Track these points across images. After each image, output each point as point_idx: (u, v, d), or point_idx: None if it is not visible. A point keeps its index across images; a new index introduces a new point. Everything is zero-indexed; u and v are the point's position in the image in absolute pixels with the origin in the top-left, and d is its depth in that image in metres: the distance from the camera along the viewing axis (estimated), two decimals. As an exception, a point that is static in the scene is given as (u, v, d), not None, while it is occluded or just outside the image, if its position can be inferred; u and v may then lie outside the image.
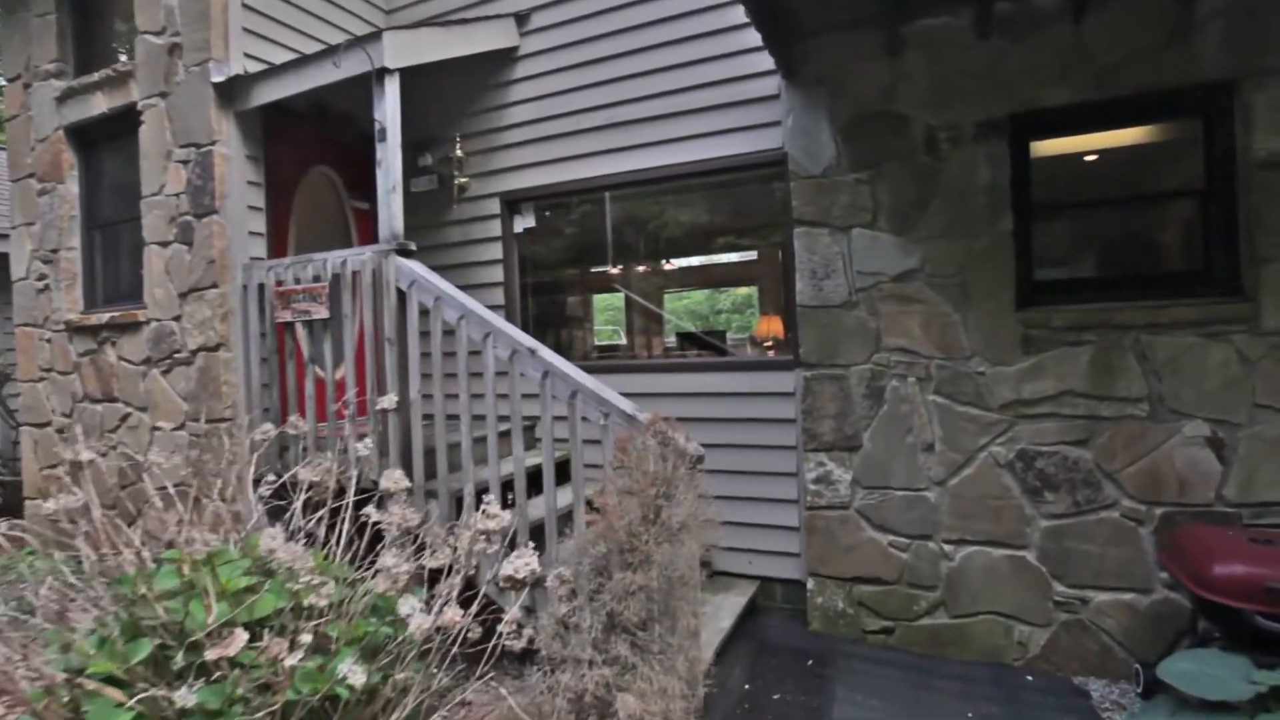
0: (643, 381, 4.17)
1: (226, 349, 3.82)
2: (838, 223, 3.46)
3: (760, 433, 3.82)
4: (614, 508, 2.10)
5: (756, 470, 3.84)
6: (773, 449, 3.79)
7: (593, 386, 2.86)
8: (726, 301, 9.51)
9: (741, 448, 3.88)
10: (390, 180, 3.40)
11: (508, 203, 4.55)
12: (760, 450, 3.83)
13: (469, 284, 4.70)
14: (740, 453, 3.88)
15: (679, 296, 13.59)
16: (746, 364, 3.95)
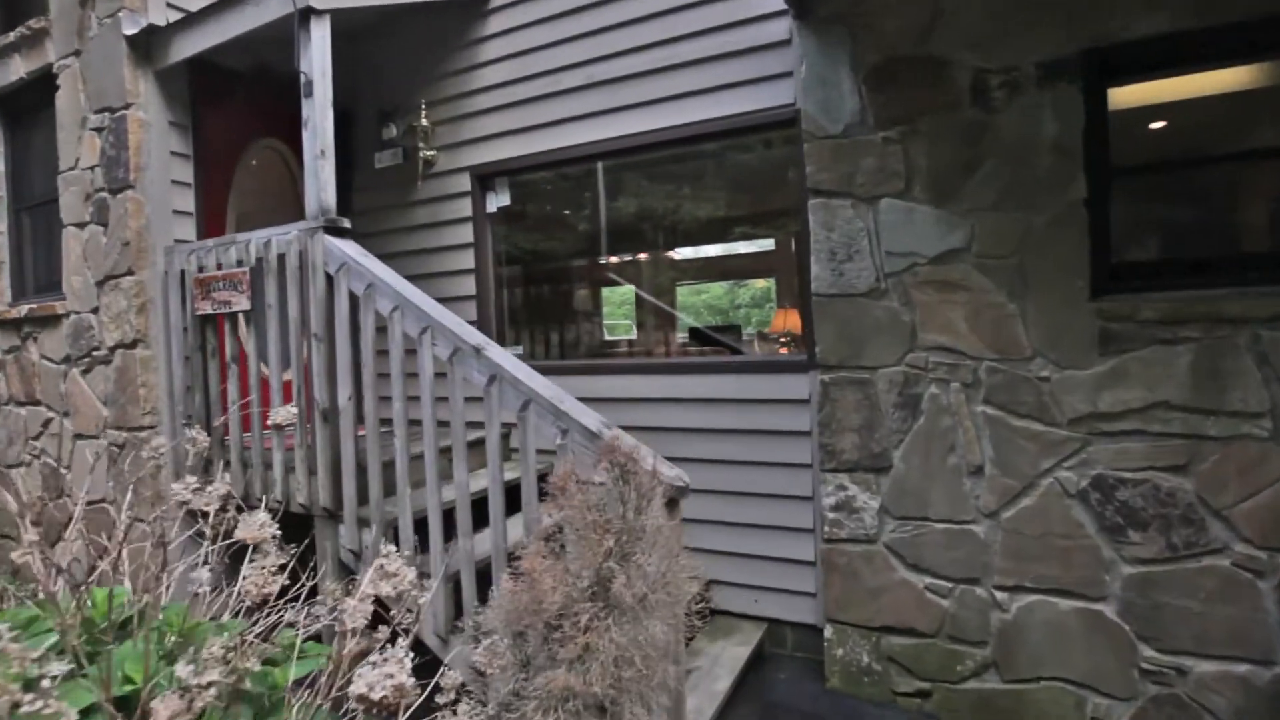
0: (628, 386, 3.56)
1: (145, 346, 3.29)
2: (862, 192, 2.81)
3: (769, 447, 3.19)
4: (542, 573, 1.50)
5: (764, 492, 3.21)
6: (783, 467, 3.16)
7: (549, 395, 2.26)
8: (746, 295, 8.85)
9: (745, 465, 3.25)
10: (318, 143, 2.83)
11: (479, 178, 3.97)
12: (768, 468, 3.20)
13: (437, 271, 4.13)
14: (744, 471, 3.25)
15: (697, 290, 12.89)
16: (750, 365, 3.31)
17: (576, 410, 2.23)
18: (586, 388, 3.67)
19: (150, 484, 3.31)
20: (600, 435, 2.13)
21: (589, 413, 2.25)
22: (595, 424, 2.18)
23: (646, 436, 3.58)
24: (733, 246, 6.20)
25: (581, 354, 4.60)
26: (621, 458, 1.66)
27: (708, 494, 3.34)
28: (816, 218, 2.89)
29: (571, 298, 4.74)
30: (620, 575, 1.46)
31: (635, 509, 1.60)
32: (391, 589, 1.62)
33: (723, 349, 4.74)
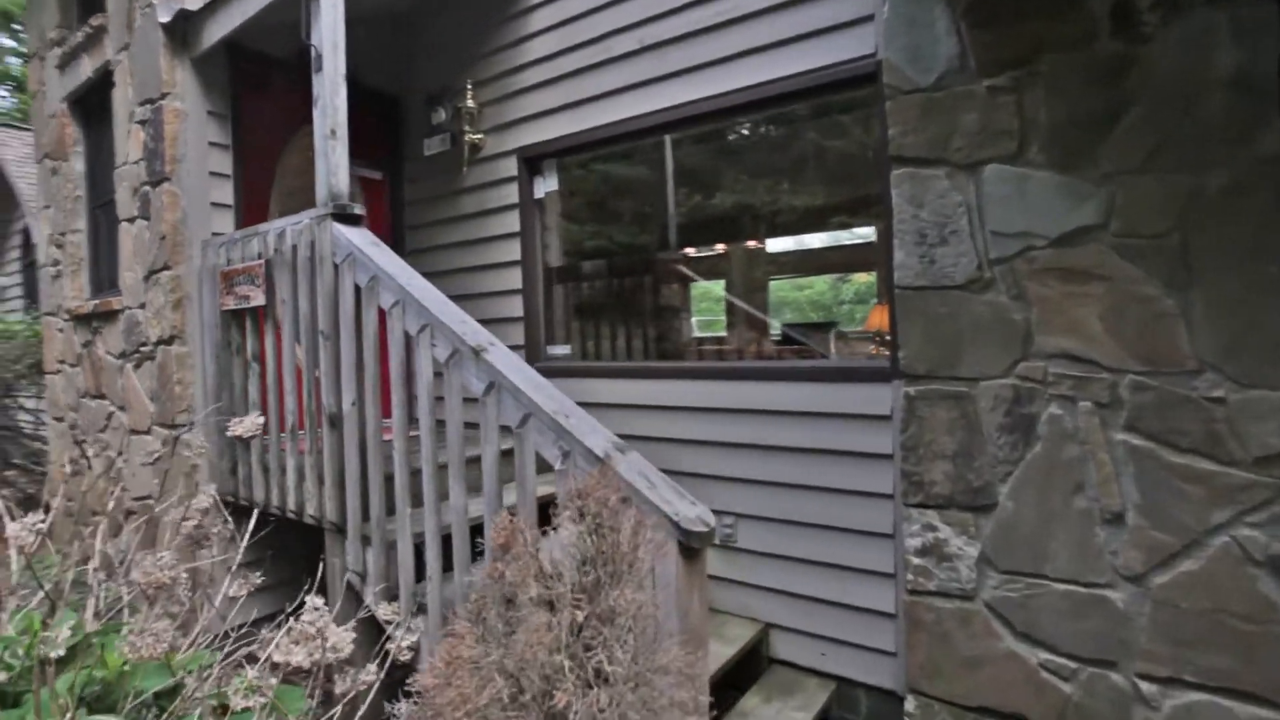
0: (673, 392, 3.12)
1: (181, 342, 3.21)
2: (960, 157, 2.22)
3: (841, 471, 2.66)
4: (451, 680, 1.10)
5: (834, 525, 2.68)
6: (858, 495, 2.62)
7: (551, 409, 1.87)
8: (851, 290, 8.18)
9: (812, 490, 2.73)
10: (328, 122, 2.59)
11: (526, 161, 3.64)
12: (840, 496, 2.66)
13: (483, 264, 3.86)
14: (811, 498, 2.74)
15: (799, 285, 12.16)
16: (818, 372, 2.78)
17: (582, 427, 1.83)
18: (629, 394, 3.28)
19: (185, 483, 3.23)
20: (606, 459, 1.72)
21: (598, 430, 1.84)
22: (602, 445, 1.77)
23: (690, 452, 3.15)
24: (830, 236, 5.59)
25: (638, 355, 4.20)
26: (595, 504, 1.23)
27: (766, 522, 2.86)
28: (901, 192, 2.33)
29: (632, 293, 4.34)
30: (583, 702, 1.04)
31: (610, 576, 1.17)
32: (305, 656, 1.29)
33: (810, 351, 4.20)
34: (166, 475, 3.32)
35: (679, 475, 3.13)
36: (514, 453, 1.94)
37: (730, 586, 2.97)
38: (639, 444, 3.26)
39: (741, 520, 2.94)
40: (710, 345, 4.97)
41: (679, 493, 1.72)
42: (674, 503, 1.66)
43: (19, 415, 5.46)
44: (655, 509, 1.64)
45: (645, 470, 1.75)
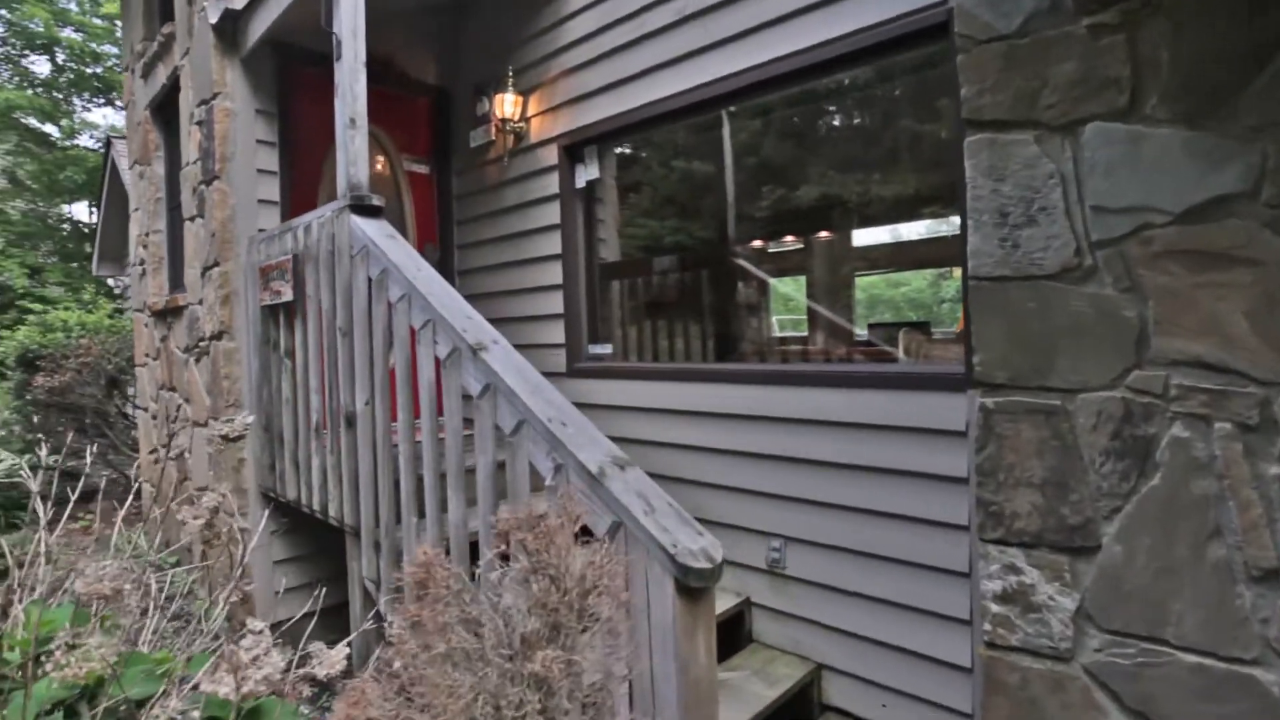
0: (722, 398, 2.82)
1: (229, 337, 3.24)
2: (1052, 117, 1.80)
3: (908, 494, 2.28)
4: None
5: (899, 557, 2.30)
6: (928, 525, 2.23)
7: (546, 415, 1.64)
8: (952, 287, 7.54)
9: (874, 515, 2.37)
10: (348, 111, 2.48)
11: (566, 149, 3.45)
12: (907, 524, 2.29)
13: (524, 259, 3.71)
14: (872, 524, 2.37)
15: (895, 282, 11.38)
16: (884, 378, 2.39)
17: (578, 438, 1.58)
18: (671, 398, 3.01)
19: (233, 476, 3.26)
20: (599, 476, 1.47)
21: (597, 442, 1.60)
22: (597, 459, 1.52)
23: (734, 465, 2.80)
24: (924, 226, 5.17)
25: (692, 357, 3.92)
26: (537, 540, 0.98)
27: (820, 548, 2.51)
28: (977, 163, 1.93)
29: (684, 289, 4.07)
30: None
31: (550, 629, 0.92)
32: (233, 687, 1.13)
33: (893, 355, 3.79)
34: (219, 468, 3.37)
35: (720, 490, 2.84)
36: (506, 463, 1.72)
37: (778, 618, 2.64)
38: (678, 454, 3.00)
39: (791, 544, 2.60)
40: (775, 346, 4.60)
41: (683, 520, 1.44)
42: (673, 532, 1.39)
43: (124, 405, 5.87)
44: (649, 539, 1.38)
45: (645, 491, 1.49)
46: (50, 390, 5.15)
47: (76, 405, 5.30)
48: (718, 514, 2.86)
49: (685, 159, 4.09)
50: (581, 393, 3.44)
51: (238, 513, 3.31)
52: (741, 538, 2.77)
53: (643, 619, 1.40)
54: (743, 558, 2.77)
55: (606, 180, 3.52)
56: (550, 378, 3.63)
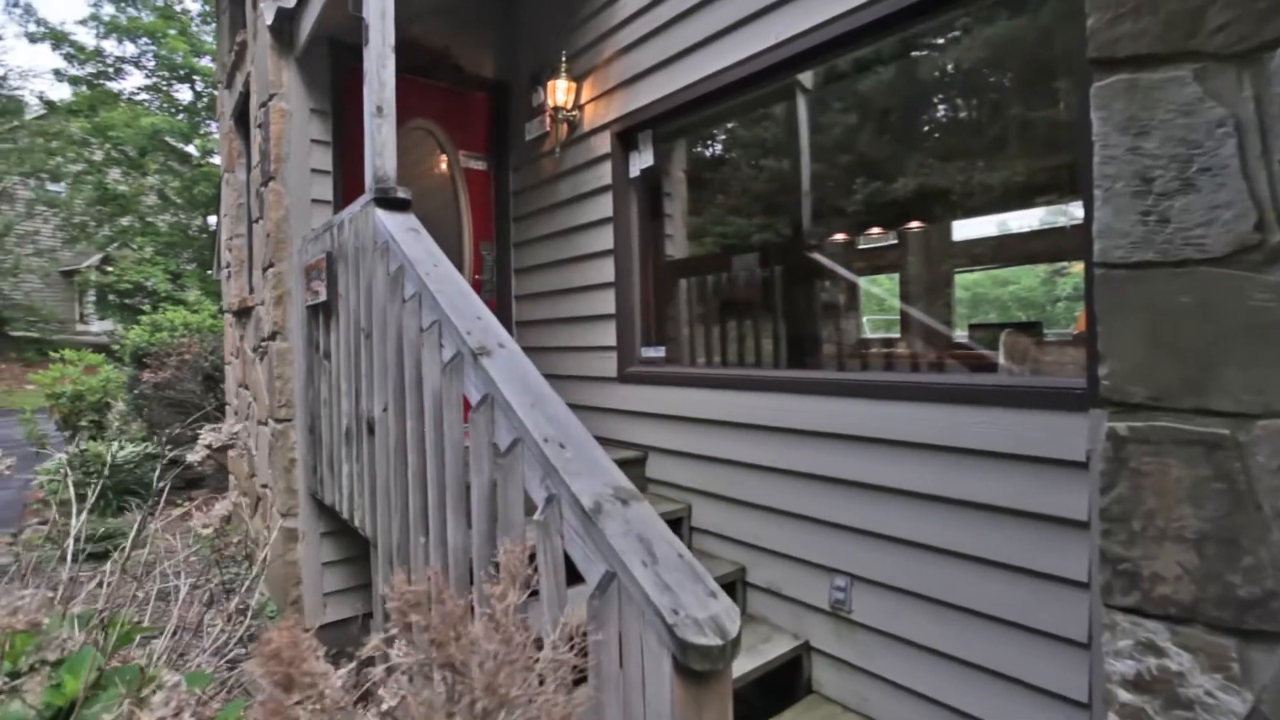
0: (784, 409, 2.46)
1: (282, 337, 3.23)
2: (1223, 44, 1.33)
3: (1007, 536, 1.84)
4: None
5: (990, 612, 1.87)
6: (1030, 576, 1.78)
7: (540, 434, 1.38)
8: (1069, 284, 6.85)
9: (963, 559, 1.94)
10: (374, 99, 2.34)
11: (619, 135, 3.19)
12: (1001, 573, 1.84)
13: (576, 255, 3.49)
14: (960, 569, 1.94)
15: (1001, 280, 10.47)
16: (977, 392, 1.95)
17: (574, 463, 1.31)
18: (729, 408, 2.68)
19: (285, 477, 3.24)
20: (595, 514, 1.19)
21: (598, 470, 1.31)
22: (593, 492, 1.24)
23: (794, 487, 2.41)
24: (1037, 215, 4.67)
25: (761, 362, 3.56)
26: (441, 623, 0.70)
27: (894, 592, 2.11)
28: (1109, 114, 1.47)
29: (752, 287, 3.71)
30: None
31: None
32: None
33: (984, 360, 3.28)
34: (273, 467, 3.37)
35: (780, 515, 2.48)
36: (498, 487, 1.47)
37: (841, 669, 2.25)
38: (735, 472, 2.66)
39: (859, 585, 2.21)
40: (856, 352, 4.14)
41: (692, 576, 1.13)
42: (677, 592, 1.08)
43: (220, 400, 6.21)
44: (644, 600, 1.08)
45: (648, 534, 1.19)
46: (156, 385, 5.50)
47: (178, 400, 5.63)
48: (776, 543, 2.50)
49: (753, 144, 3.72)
50: (633, 400, 3.17)
51: (289, 513, 3.30)
52: (802, 572, 2.40)
53: (637, 698, 1.10)
54: (802, 595, 2.40)
55: (664, 169, 3.23)
56: (601, 383, 3.42)
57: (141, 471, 5.24)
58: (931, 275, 5.83)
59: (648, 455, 3.14)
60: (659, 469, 3.09)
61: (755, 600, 2.62)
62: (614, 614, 1.15)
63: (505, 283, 4.09)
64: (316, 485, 3.00)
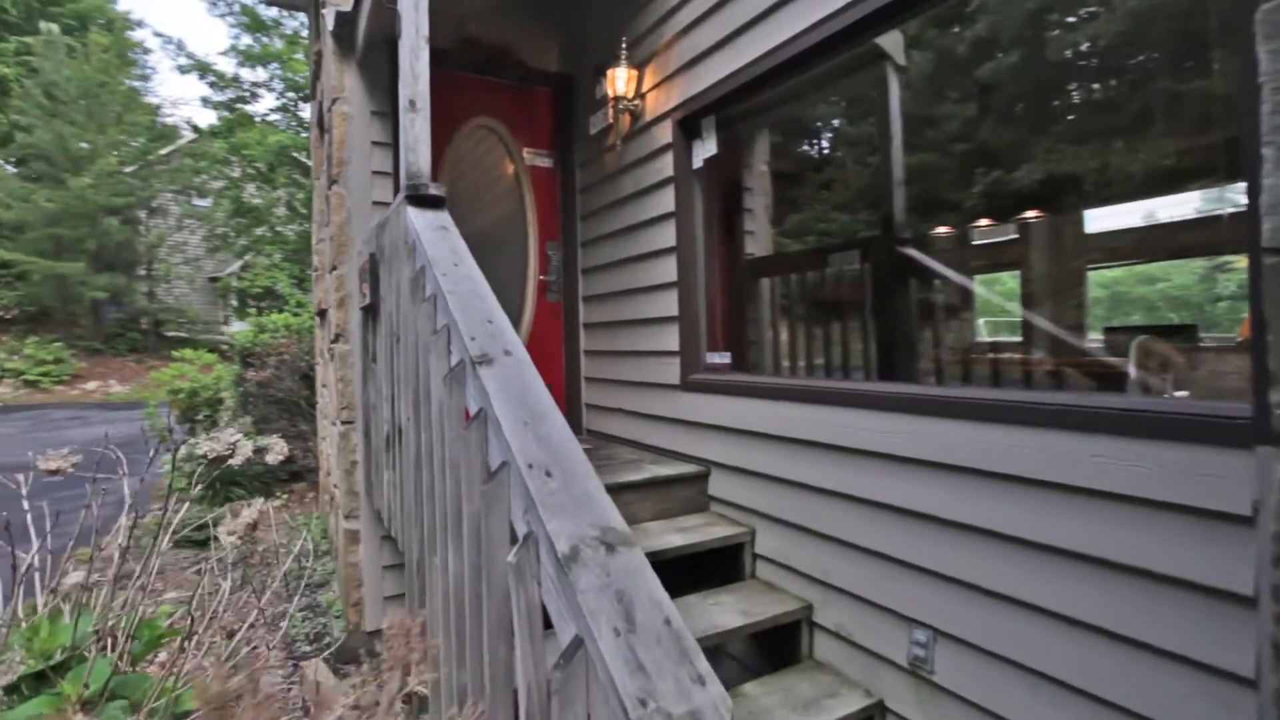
0: (875, 430, 2.13)
1: (345, 340, 3.24)
2: None
3: (1133, 604, 1.43)
4: None
5: (1113, 700, 1.46)
6: (1168, 660, 1.37)
7: (526, 459, 1.17)
8: (1233, 281, 6.05)
9: (1073, 625, 1.54)
10: (408, 93, 2.23)
11: (681, 123, 2.94)
12: (1127, 651, 1.44)
13: (638, 254, 3.28)
14: (1071, 637, 1.55)
15: (1149, 277, 9.46)
16: (1087, 416, 1.54)
17: (556, 497, 1.09)
18: (799, 424, 2.38)
19: (346, 479, 3.26)
20: (569, 563, 0.97)
21: (586, 506, 1.09)
22: (571, 534, 1.02)
23: (868, 518, 2.08)
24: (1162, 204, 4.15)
25: (843, 371, 3.20)
26: None
27: (980, 655, 1.73)
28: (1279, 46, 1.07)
29: (836, 287, 3.36)
30: None
31: None
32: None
33: (1115, 370, 2.79)
34: (339, 468, 3.40)
35: (854, 551, 2.15)
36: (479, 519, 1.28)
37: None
38: (805, 497, 2.34)
39: (944, 641, 1.84)
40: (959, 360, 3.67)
41: (678, 653, 0.88)
42: (651, 676, 0.84)
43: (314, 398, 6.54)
44: (609, 681, 0.84)
45: (630, 592, 0.95)
46: (259, 383, 5.84)
47: (278, 397, 5.96)
48: (848, 581, 2.17)
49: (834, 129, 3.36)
50: (696, 410, 2.92)
51: (350, 515, 3.31)
52: (877, 618, 2.06)
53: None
54: (877, 645, 2.05)
55: (739, 160, 2.95)
56: (663, 391, 3.19)
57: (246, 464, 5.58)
58: (1059, 272, 5.16)
59: (710, 471, 2.88)
60: (722, 487, 2.82)
61: (823, 645, 2.29)
62: (581, 692, 0.92)
63: (572, 283, 3.96)
64: (369, 488, 2.97)
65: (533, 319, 3.89)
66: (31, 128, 14.61)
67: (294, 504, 6.00)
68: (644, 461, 3.00)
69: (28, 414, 11.44)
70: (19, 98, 15.05)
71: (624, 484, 2.63)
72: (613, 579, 0.98)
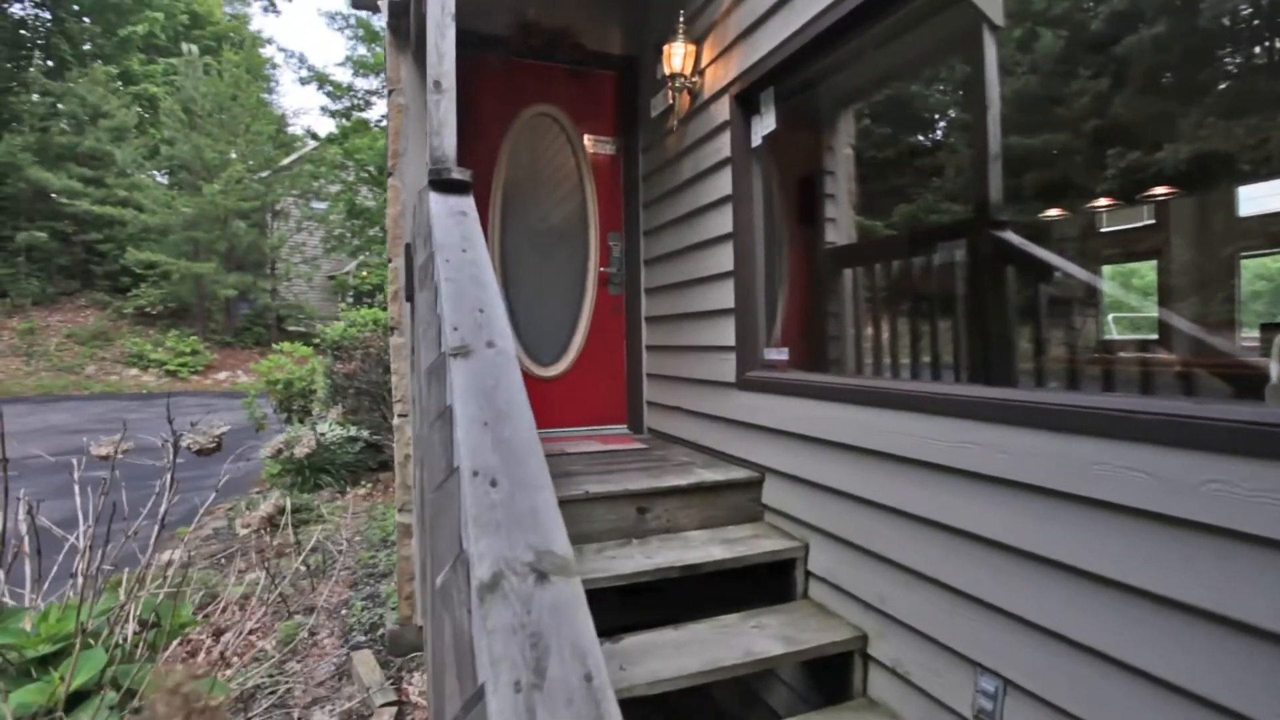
0: (951, 441, 1.83)
1: (399, 333, 3.25)
2: None
3: (1263, 670, 1.08)
4: None
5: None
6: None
7: (472, 466, 1.02)
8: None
9: (1181, 696, 1.20)
10: (432, 73, 2.14)
11: (738, 97, 2.70)
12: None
13: (696, 242, 3.07)
14: (1176, 707, 1.20)
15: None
16: (1199, 430, 1.18)
17: (490, 514, 0.94)
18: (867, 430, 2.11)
19: (400, 471, 3.27)
20: (485, 593, 0.81)
21: (526, 523, 0.93)
22: (497, 559, 0.86)
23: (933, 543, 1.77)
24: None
25: (933, 370, 2.85)
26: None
27: (1059, 716, 1.40)
28: None
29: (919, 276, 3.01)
30: None
31: None
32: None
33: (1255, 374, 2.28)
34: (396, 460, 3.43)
35: (916, 578, 1.85)
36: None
37: (988, 816, 1.58)
38: (865, 514, 2.04)
39: (1015, 694, 1.52)
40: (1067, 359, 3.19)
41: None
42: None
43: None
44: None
45: (549, 637, 0.76)
46: (346, 375, 6.11)
47: (365, 389, 6.21)
48: (906, 612, 1.87)
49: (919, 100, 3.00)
50: (751, 410, 2.68)
51: (403, 508, 3.32)
52: (938, 658, 1.75)
53: None
54: (937, 689, 1.75)
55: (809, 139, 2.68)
56: (718, 389, 2.95)
57: (336, 453, 5.86)
58: (1203, 261, 4.49)
59: (764, 477, 2.63)
60: (776, 495, 2.56)
61: (877, 681, 2.00)
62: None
63: (634, 275, 3.80)
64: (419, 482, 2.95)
65: (592, 313, 3.76)
66: (173, 140, 16.28)
67: (378, 493, 6.24)
68: (695, 465, 2.79)
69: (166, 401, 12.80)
70: (165, 114, 16.82)
71: (665, 489, 2.44)
72: (532, 618, 0.80)
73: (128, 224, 15.59)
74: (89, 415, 10.68)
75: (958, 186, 3.12)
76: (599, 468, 2.70)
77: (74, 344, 15.23)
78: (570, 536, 2.01)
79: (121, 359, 15.28)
